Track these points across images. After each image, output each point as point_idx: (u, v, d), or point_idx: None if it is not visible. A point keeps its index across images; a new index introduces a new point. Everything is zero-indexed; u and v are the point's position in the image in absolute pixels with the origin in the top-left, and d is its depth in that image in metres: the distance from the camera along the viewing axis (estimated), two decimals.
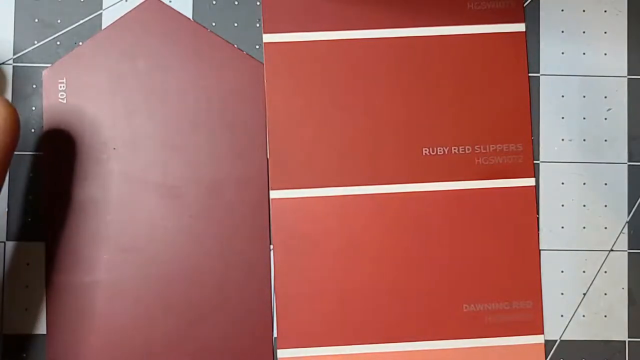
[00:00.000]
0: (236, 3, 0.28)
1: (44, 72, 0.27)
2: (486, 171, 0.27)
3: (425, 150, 0.27)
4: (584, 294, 0.28)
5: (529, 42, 0.28)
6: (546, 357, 0.27)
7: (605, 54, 0.28)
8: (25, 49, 0.27)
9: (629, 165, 0.28)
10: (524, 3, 0.28)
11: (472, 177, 0.27)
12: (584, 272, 0.28)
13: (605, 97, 0.28)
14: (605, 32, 0.28)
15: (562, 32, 0.28)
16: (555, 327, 0.27)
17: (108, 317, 0.26)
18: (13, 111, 0.24)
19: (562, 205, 0.28)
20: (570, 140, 0.28)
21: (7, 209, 0.27)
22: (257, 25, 0.27)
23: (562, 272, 0.27)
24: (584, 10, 0.28)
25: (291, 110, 0.27)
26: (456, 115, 0.27)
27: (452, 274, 0.27)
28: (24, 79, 0.27)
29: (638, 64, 0.28)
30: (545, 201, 0.28)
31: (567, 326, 0.27)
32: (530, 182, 0.27)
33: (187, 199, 0.27)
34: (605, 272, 0.28)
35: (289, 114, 0.27)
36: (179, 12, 0.27)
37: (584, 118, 0.28)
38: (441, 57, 0.27)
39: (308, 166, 0.27)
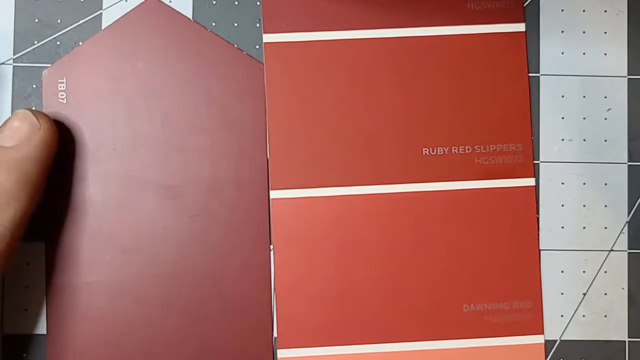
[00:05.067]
0: (236, 3, 0.28)
1: (44, 72, 0.27)
2: (486, 171, 0.27)
3: (425, 150, 0.27)
4: (584, 294, 0.28)
5: (529, 42, 0.28)
6: (546, 357, 0.27)
7: (605, 54, 0.28)
8: (25, 49, 0.27)
9: (629, 165, 0.28)
10: (524, 3, 0.28)
11: (472, 177, 0.27)
12: (584, 272, 0.28)
13: (605, 97, 0.28)
14: (605, 32, 0.28)
15: (562, 32, 0.28)
16: (555, 327, 0.27)
17: (108, 317, 0.26)
18: (53, 125, 0.25)
19: (562, 205, 0.28)
20: (570, 140, 0.28)
21: None
22: (257, 25, 0.28)
23: (562, 272, 0.27)
24: (584, 10, 0.28)
25: (291, 110, 0.27)
26: (456, 115, 0.27)
27: (452, 274, 0.27)
28: (24, 79, 0.27)
29: (638, 64, 0.28)
30: (545, 201, 0.28)
31: (567, 326, 0.27)
32: (530, 182, 0.27)
33: (187, 199, 0.27)
34: (605, 272, 0.28)
35: (289, 114, 0.27)
36: (179, 12, 0.27)
37: (584, 118, 0.28)
38: (441, 57, 0.27)
39: (308, 166, 0.27)
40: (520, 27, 0.28)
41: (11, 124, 0.24)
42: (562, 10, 0.28)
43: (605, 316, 0.27)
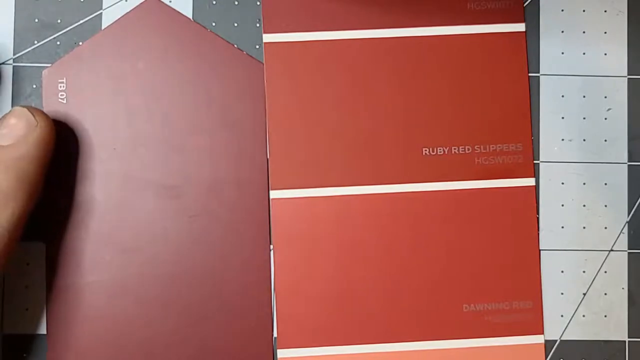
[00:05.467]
0: (236, 3, 0.28)
1: (44, 72, 0.27)
2: (486, 171, 0.27)
3: (425, 150, 0.27)
4: (584, 294, 0.28)
5: (529, 42, 0.28)
6: (546, 357, 0.27)
7: (605, 54, 0.28)
8: (25, 49, 0.27)
9: (629, 165, 0.28)
10: (524, 3, 0.28)
11: (472, 177, 0.27)
12: (584, 272, 0.28)
13: (605, 97, 0.28)
14: (605, 32, 0.28)
15: (562, 32, 0.28)
16: (555, 327, 0.27)
17: (108, 317, 0.26)
18: (50, 122, 0.24)
19: (562, 205, 0.28)
20: (570, 140, 0.28)
21: None
22: (257, 25, 0.28)
23: (562, 272, 0.27)
24: (584, 10, 0.28)
25: (291, 110, 0.27)
26: (456, 115, 0.27)
27: (452, 274, 0.27)
28: (24, 79, 0.27)
29: (638, 64, 0.28)
30: (545, 201, 0.28)
31: (567, 326, 0.27)
32: (530, 182, 0.27)
33: (187, 199, 0.27)
34: (605, 272, 0.28)
35: (289, 114, 0.27)
36: (179, 12, 0.27)
37: (584, 118, 0.28)
38: (441, 57, 0.27)
39: (308, 166, 0.27)
40: (520, 27, 0.28)
41: (8, 121, 0.24)
42: (562, 10, 0.28)
43: (605, 316, 0.27)
